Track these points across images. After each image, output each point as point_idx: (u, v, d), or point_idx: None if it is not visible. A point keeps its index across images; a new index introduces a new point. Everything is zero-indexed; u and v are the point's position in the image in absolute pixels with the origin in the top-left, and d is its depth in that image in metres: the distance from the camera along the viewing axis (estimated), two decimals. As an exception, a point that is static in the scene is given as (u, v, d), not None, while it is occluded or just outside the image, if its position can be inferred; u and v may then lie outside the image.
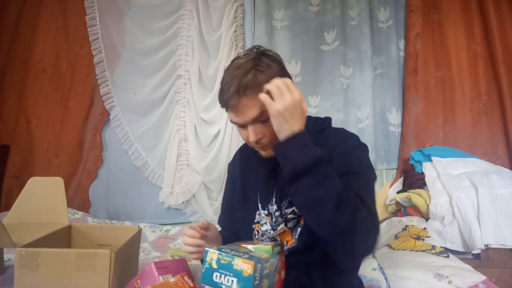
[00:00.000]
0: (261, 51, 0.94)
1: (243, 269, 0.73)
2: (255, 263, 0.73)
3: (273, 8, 2.66)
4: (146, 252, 1.98)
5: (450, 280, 1.34)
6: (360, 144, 0.98)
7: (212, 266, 0.76)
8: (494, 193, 1.85)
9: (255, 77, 0.88)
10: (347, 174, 0.88)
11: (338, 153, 0.93)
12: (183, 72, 2.60)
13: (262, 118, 0.90)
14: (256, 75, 0.88)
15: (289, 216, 1.01)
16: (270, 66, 0.91)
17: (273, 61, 0.93)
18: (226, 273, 0.75)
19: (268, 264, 0.80)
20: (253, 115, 0.89)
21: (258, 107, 0.88)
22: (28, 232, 1.20)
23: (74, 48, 2.61)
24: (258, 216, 1.08)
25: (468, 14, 2.56)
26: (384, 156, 2.60)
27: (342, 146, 0.94)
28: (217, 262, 0.76)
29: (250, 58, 0.91)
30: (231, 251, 0.78)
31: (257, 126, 0.92)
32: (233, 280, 0.74)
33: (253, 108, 0.89)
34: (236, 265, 0.74)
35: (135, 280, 0.99)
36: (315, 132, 1.00)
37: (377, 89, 2.63)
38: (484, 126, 2.50)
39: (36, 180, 1.42)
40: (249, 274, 0.72)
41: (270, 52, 0.95)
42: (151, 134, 2.58)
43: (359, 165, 0.92)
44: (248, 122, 0.91)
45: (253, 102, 0.88)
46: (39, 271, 0.97)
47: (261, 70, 0.89)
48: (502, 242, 1.75)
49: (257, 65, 0.90)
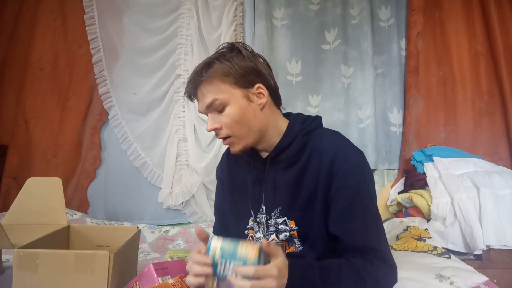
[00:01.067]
0: (233, 44, 0.96)
1: (247, 255, 0.73)
2: (260, 248, 0.73)
3: (273, 7, 2.65)
4: (145, 253, 1.97)
5: (452, 281, 1.33)
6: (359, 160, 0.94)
7: (215, 253, 0.76)
8: (496, 193, 1.84)
9: (208, 67, 0.92)
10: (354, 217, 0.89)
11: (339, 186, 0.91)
12: (183, 71, 2.58)
13: (215, 108, 0.93)
14: (209, 65, 0.92)
15: (280, 226, 0.98)
16: (234, 59, 0.92)
17: (240, 54, 0.94)
18: (231, 260, 0.74)
19: None
20: (205, 103, 0.93)
21: (209, 96, 0.92)
22: (26, 233, 1.20)
23: (72, 48, 2.59)
24: (252, 222, 1.05)
25: (469, 13, 2.55)
26: (385, 156, 2.59)
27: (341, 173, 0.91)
28: (221, 248, 0.75)
29: (217, 51, 0.96)
30: (235, 240, 0.78)
31: (214, 115, 0.94)
32: None
33: (204, 97, 0.93)
34: (241, 251, 0.74)
35: (134, 282, 0.99)
36: (302, 134, 0.97)
37: (378, 89, 2.62)
38: (486, 126, 2.49)
39: (34, 181, 1.42)
40: (256, 257, 0.72)
41: (243, 45, 0.96)
42: (150, 134, 2.57)
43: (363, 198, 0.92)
44: (204, 111, 0.95)
45: (206, 90, 0.92)
46: (38, 272, 0.96)
47: (220, 61, 0.92)
48: (504, 242, 1.74)
49: (218, 56, 0.93)
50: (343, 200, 0.90)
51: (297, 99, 2.60)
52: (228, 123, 0.92)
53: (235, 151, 0.97)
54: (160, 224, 2.43)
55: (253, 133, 0.95)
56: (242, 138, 0.94)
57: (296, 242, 0.97)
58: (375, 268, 0.85)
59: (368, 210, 0.91)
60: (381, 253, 0.88)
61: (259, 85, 0.95)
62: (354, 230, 0.89)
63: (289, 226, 0.97)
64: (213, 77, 0.91)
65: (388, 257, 0.90)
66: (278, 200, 0.98)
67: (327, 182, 0.91)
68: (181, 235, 2.20)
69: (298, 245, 0.97)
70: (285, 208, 0.97)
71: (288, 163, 0.97)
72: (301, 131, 0.98)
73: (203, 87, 0.92)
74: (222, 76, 0.91)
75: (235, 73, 0.91)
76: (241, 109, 0.92)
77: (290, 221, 0.97)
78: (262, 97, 0.95)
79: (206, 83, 0.92)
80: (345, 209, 0.90)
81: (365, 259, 0.86)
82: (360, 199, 0.90)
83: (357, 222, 0.89)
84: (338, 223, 0.91)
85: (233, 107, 0.92)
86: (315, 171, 0.93)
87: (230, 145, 0.97)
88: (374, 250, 0.88)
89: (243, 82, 0.93)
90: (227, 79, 0.91)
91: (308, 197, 0.94)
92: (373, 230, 0.91)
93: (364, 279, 0.83)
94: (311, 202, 0.94)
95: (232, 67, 0.91)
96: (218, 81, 0.91)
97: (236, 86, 0.92)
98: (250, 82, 0.94)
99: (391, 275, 0.88)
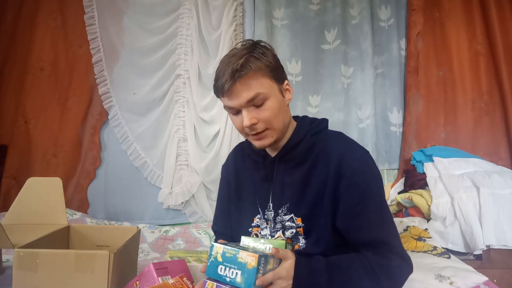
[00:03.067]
0: (256, 42, 0.98)
1: (247, 261, 0.76)
2: (259, 256, 0.76)
3: (273, 7, 2.65)
4: (145, 253, 1.96)
5: (452, 281, 1.33)
6: (367, 159, 0.97)
7: (217, 259, 0.80)
8: (496, 193, 1.84)
9: (248, 62, 0.91)
10: (365, 212, 0.91)
11: (348, 183, 0.93)
12: (183, 71, 2.58)
13: (256, 102, 0.92)
14: (248, 60, 0.91)
15: (286, 223, 1.00)
16: (265, 54, 0.94)
17: (268, 51, 0.96)
18: (231, 266, 0.78)
19: (272, 260, 0.82)
20: (247, 97, 0.91)
21: (252, 90, 0.91)
22: (26, 232, 1.20)
23: (72, 48, 2.59)
24: (258, 220, 1.06)
25: (469, 13, 2.56)
26: (385, 156, 2.59)
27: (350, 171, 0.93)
28: (222, 255, 0.79)
29: (245, 47, 0.95)
30: (236, 246, 0.81)
31: (251, 110, 0.93)
32: (237, 273, 0.77)
33: (247, 91, 0.91)
34: (241, 258, 0.77)
35: (134, 281, 0.98)
36: (310, 135, 1.00)
37: (378, 89, 2.62)
38: (486, 126, 2.49)
39: (34, 181, 1.41)
40: (253, 266, 0.75)
41: (265, 43, 0.98)
42: (150, 134, 2.56)
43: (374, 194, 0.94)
44: (242, 106, 0.93)
45: (247, 85, 0.91)
46: (38, 272, 0.96)
47: (255, 56, 0.92)
48: (504, 242, 1.73)
49: (251, 51, 0.93)
50: (353, 197, 0.92)
51: (297, 99, 2.60)
52: (268, 116, 0.93)
53: (265, 144, 0.97)
54: (160, 224, 2.43)
55: (285, 127, 0.99)
56: (277, 131, 0.96)
57: (301, 239, 0.99)
58: (388, 261, 0.87)
59: (378, 206, 0.94)
60: (393, 246, 0.91)
61: (287, 81, 0.99)
62: (364, 225, 0.91)
63: (296, 223, 0.99)
64: (255, 71, 0.91)
65: (400, 250, 0.92)
66: (286, 198, 1.00)
67: (335, 180, 0.93)
68: (181, 235, 2.20)
69: (302, 243, 0.99)
70: (292, 205, 0.99)
71: (297, 162, 1.00)
72: (309, 132, 1.01)
73: (244, 81, 0.91)
74: (263, 70, 0.92)
75: (272, 68, 0.94)
76: (279, 103, 0.95)
77: (297, 218, 0.99)
78: (288, 93, 1.00)
79: (247, 78, 0.91)
80: (355, 205, 0.92)
81: (377, 253, 0.89)
82: (370, 196, 0.93)
83: (368, 217, 0.91)
84: (348, 219, 0.93)
85: (273, 101, 0.94)
86: (323, 170, 0.95)
87: (263, 138, 0.96)
88: (386, 243, 0.90)
89: (277, 77, 0.96)
90: (267, 73, 0.93)
91: (316, 195, 0.96)
92: (384, 224, 0.93)
93: (377, 273, 0.85)
94: (319, 200, 0.96)
95: (269, 62, 0.93)
96: (260, 76, 0.92)
97: (274, 80, 0.95)
98: (282, 78, 0.98)
99: (404, 266, 0.91)
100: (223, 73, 0.92)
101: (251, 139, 0.99)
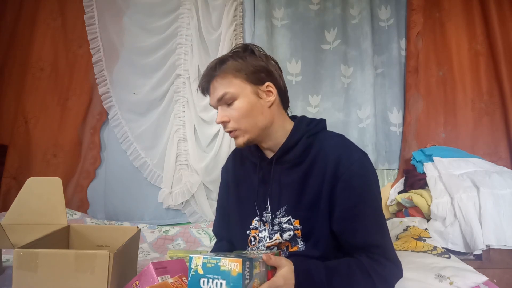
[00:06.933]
0: (247, 45, 1.01)
1: (231, 268, 0.70)
2: (243, 260, 0.71)
3: (273, 7, 2.65)
4: (145, 253, 1.96)
5: (452, 281, 1.32)
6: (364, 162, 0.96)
7: (198, 272, 0.73)
8: (496, 193, 1.84)
9: (223, 63, 0.97)
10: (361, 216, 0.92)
11: (345, 186, 0.93)
12: (182, 71, 2.58)
13: (225, 101, 0.97)
14: (224, 62, 0.97)
15: (284, 225, 0.99)
16: (247, 58, 0.97)
17: (252, 54, 0.99)
18: (214, 277, 0.71)
19: (257, 263, 0.77)
20: (216, 96, 0.97)
21: (221, 89, 0.96)
22: (26, 232, 1.20)
23: (72, 47, 2.59)
24: (256, 222, 1.06)
25: (469, 13, 2.55)
26: (385, 156, 2.59)
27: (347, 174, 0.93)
28: (203, 267, 0.73)
29: (233, 50, 1.00)
30: (217, 254, 0.75)
31: (224, 108, 0.98)
32: (222, 283, 0.70)
33: (217, 90, 0.97)
34: (224, 265, 0.71)
35: (133, 281, 0.98)
36: (307, 136, 1.00)
37: (378, 89, 2.62)
38: (486, 126, 2.49)
39: (34, 180, 1.41)
40: (238, 272, 0.69)
41: (257, 47, 1.00)
42: (150, 134, 2.56)
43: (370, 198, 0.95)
44: (215, 104, 0.99)
45: (219, 84, 0.97)
46: (38, 272, 0.96)
47: (234, 58, 0.97)
48: (504, 242, 1.73)
49: (234, 54, 0.98)
50: (348, 200, 0.92)
51: (297, 99, 2.60)
52: (236, 116, 0.96)
53: (239, 144, 1.00)
54: (160, 224, 2.43)
55: (258, 129, 0.99)
56: (247, 131, 0.98)
57: (299, 241, 0.99)
58: (382, 266, 0.88)
59: (373, 210, 0.94)
60: (386, 251, 0.91)
61: (269, 83, 0.99)
62: (359, 228, 0.91)
63: (294, 225, 0.98)
64: (226, 72, 0.96)
65: (392, 255, 0.93)
66: (283, 200, 1.00)
67: (332, 182, 0.93)
68: (181, 235, 2.20)
69: (301, 244, 0.98)
70: (290, 207, 0.99)
71: (293, 163, 1.00)
72: (306, 133, 1.00)
73: (216, 81, 0.97)
74: (234, 71, 0.96)
75: (247, 70, 0.97)
76: (249, 104, 0.97)
77: (294, 220, 0.98)
78: (271, 95, 1.00)
79: (219, 78, 0.97)
80: (350, 208, 0.92)
81: (371, 257, 0.89)
82: (365, 199, 0.93)
83: (362, 221, 0.91)
84: (343, 222, 0.93)
85: (242, 101, 0.96)
86: (320, 172, 0.95)
87: (235, 138, 1.00)
88: (379, 247, 0.91)
89: (254, 79, 0.98)
90: (239, 74, 0.96)
91: (313, 197, 0.96)
92: (377, 228, 0.93)
93: (372, 278, 0.86)
94: (316, 202, 0.96)
95: (244, 65, 0.97)
96: (230, 76, 0.96)
97: (247, 82, 0.97)
98: (261, 80, 0.99)
99: (396, 271, 0.92)
100: (203, 73, 1.01)
101: (231, 137, 1.02)
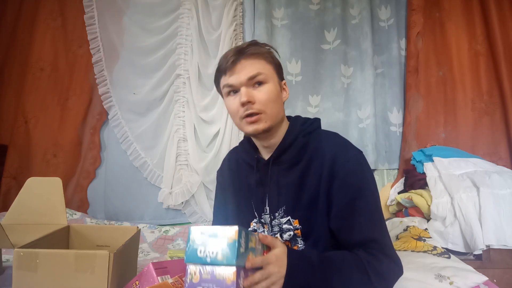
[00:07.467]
0: (257, 42, 1.02)
1: (227, 235, 0.71)
2: (239, 229, 0.72)
3: (273, 7, 2.65)
4: (145, 253, 1.96)
5: (452, 281, 1.32)
6: (360, 159, 0.96)
7: (196, 242, 0.73)
8: (495, 193, 1.84)
9: (255, 46, 0.98)
10: (357, 213, 0.91)
11: (341, 184, 0.93)
12: (182, 71, 2.58)
13: (256, 80, 0.95)
14: (255, 45, 0.98)
15: (284, 226, 0.99)
16: (270, 51, 1.01)
17: (272, 50, 1.03)
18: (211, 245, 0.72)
19: (254, 238, 0.78)
20: (249, 73, 0.94)
21: (256, 68, 0.94)
22: (26, 232, 1.20)
23: (72, 47, 2.59)
24: (255, 224, 1.06)
25: (469, 13, 2.55)
26: (385, 156, 2.59)
27: (343, 172, 0.93)
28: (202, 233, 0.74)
29: (251, 42, 1.00)
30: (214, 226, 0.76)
31: (249, 89, 0.95)
32: (218, 251, 0.71)
33: (250, 67, 0.94)
34: (221, 234, 0.72)
35: (133, 281, 0.98)
36: (302, 135, 1.00)
37: (378, 89, 2.62)
38: (486, 126, 2.49)
39: (34, 180, 1.41)
40: (234, 239, 0.70)
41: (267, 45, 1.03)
42: (150, 134, 2.56)
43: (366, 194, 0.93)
44: (242, 83, 0.94)
45: (251, 62, 0.95)
46: (38, 272, 0.96)
47: (262, 46, 0.99)
48: (504, 242, 1.73)
49: (258, 43, 0.99)
50: (345, 197, 0.92)
51: (297, 99, 2.60)
52: (265, 99, 0.94)
53: (257, 130, 0.95)
54: (160, 224, 2.43)
55: (277, 119, 0.98)
56: (271, 118, 0.96)
57: (299, 241, 0.99)
58: (379, 262, 0.87)
59: (370, 206, 0.93)
60: (384, 246, 0.90)
61: (285, 81, 1.04)
62: (356, 225, 0.90)
63: (293, 225, 0.98)
64: (260, 54, 0.97)
65: (390, 251, 0.91)
66: (282, 200, 1.00)
67: (328, 180, 0.93)
68: (181, 235, 2.20)
69: (301, 244, 0.99)
70: (289, 207, 0.99)
71: (290, 163, 0.99)
72: (301, 132, 1.00)
73: (248, 59, 0.95)
74: (268, 57, 0.98)
75: (276, 61, 1.01)
76: (277, 91, 0.98)
77: (293, 220, 0.98)
78: (285, 93, 1.03)
79: (254, 57, 0.96)
80: (346, 205, 0.91)
81: (368, 252, 0.88)
82: (361, 196, 0.92)
83: (359, 217, 0.91)
84: (340, 219, 0.92)
85: (272, 86, 0.96)
86: (317, 171, 0.95)
87: (257, 122, 0.94)
88: (377, 242, 0.89)
89: (279, 72, 1.01)
90: (271, 62, 0.99)
91: (311, 196, 0.96)
92: (374, 224, 0.92)
93: (368, 273, 0.85)
94: (314, 201, 0.95)
95: (273, 57, 1.00)
96: (264, 61, 0.97)
97: (275, 72, 0.99)
98: (281, 76, 1.03)
99: (395, 268, 0.90)
100: (228, 54, 0.97)
101: (244, 125, 0.96)
